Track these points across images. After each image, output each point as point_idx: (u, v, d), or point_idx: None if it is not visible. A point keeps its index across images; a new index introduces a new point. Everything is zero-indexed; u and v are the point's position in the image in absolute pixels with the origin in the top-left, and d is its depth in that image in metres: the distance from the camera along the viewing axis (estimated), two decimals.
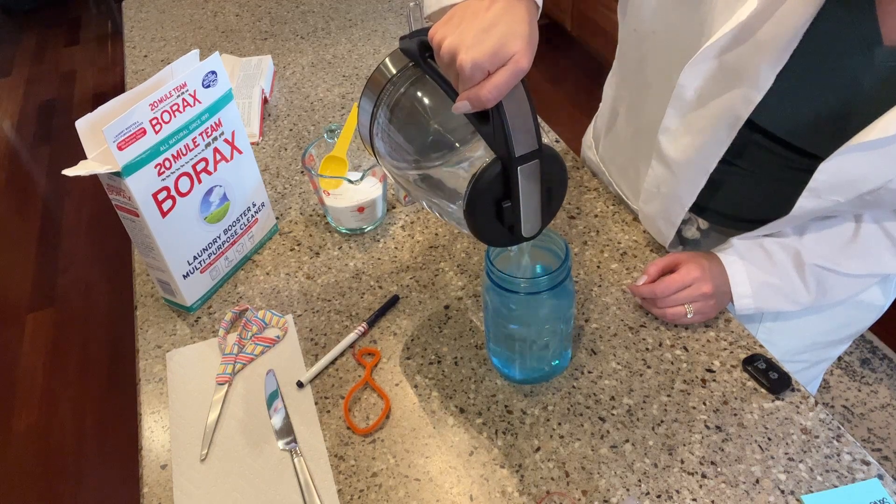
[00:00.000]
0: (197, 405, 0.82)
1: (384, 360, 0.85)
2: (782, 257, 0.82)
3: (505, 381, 0.81)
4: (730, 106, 0.73)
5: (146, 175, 0.80)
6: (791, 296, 0.83)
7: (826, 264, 0.81)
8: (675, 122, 0.81)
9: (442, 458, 0.75)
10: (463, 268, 0.96)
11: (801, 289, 0.83)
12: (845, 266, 0.81)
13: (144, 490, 0.75)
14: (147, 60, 1.54)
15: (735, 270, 0.83)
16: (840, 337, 0.99)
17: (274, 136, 1.26)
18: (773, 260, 0.83)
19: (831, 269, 0.81)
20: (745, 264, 0.83)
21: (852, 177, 0.68)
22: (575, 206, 1.04)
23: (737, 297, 0.83)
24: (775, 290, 0.83)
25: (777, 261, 0.83)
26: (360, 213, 1.00)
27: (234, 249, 0.97)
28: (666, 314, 0.84)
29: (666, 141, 0.84)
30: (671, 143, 0.83)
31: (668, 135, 0.83)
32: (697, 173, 0.82)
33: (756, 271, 0.83)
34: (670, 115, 0.80)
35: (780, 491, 0.69)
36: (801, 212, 0.74)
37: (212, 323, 0.92)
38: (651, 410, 0.77)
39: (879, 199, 0.69)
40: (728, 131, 0.75)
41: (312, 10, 1.68)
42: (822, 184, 0.70)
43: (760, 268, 0.83)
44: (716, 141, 0.77)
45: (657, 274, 0.85)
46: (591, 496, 0.70)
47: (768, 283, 0.83)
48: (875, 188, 0.67)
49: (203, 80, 0.84)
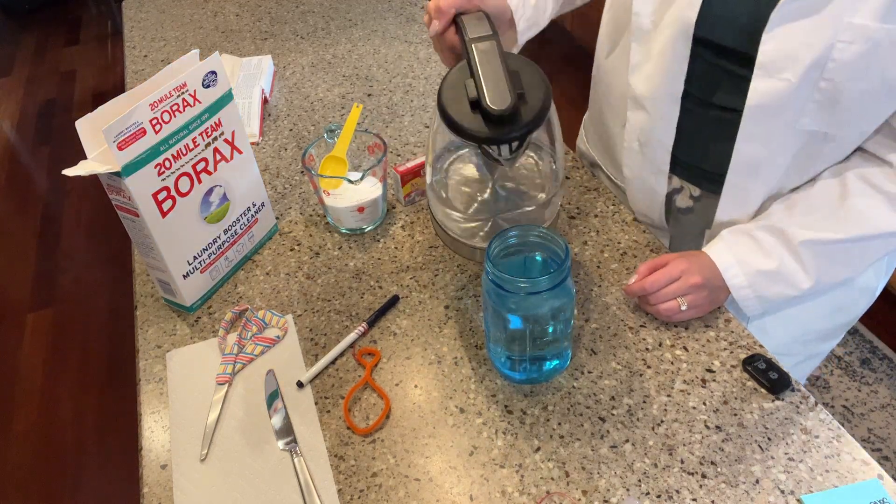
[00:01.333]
0: (197, 405, 0.82)
1: (384, 360, 0.85)
2: (771, 242, 0.82)
3: (505, 381, 0.81)
4: (679, 16, 0.78)
5: (146, 175, 0.80)
6: (789, 279, 0.82)
7: (818, 236, 0.80)
8: (639, 55, 0.85)
9: (442, 458, 0.75)
10: (463, 268, 0.96)
11: (798, 271, 0.82)
12: (840, 231, 0.79)
13: (144, 490, 0.75)
14: (147, 60, 1.54)
15: (724, 261, 0.83)
16: (834, 325, 0.99)
17: (274, 136, 1.26)
18: (763, 246, 0.83)
19: (825, 240, 0.80)
20: (735, 255, 0.83)
21: (795, 46, 0.70)
22: (575, 206, 1.04)
23: (734, 290, 0.83)
24: (771, 276, 0.82)
25: (766, 246, 0.82)
26: (360, 213, 1.00)
27: (234, 249, 0.97)
28: (660, 310, 0.84)
29: (636, 80, 0.87)
30: (640, 79, 0.86)
31: (636, 72, 0.86)
32: (669, 104, 0.85)
33: (747, 260, 0.83)
34: (634, 50, 0.85)
35: (780, 491, 0.69)
36: (757, 97, 0.75)
37: (212, 323, 0.92)
38: (651, 410, 0.77)
39: (836, 90, 0.71)
40: (684, 42, 0.79)
41: (312, 10, 1.68)
42: (769, 55, 0.72)
43: (751, 256, 0.83)
44: (675, 57, 0.81)
45: (647, 272, 0.85)
46: (591, 496, 0.70)
47: (761, 270, 0.82)
48: (819, 58, 0.69)
49: (203, 80, 0.84)
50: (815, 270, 0.81)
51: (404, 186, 1.05)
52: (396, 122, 1.26)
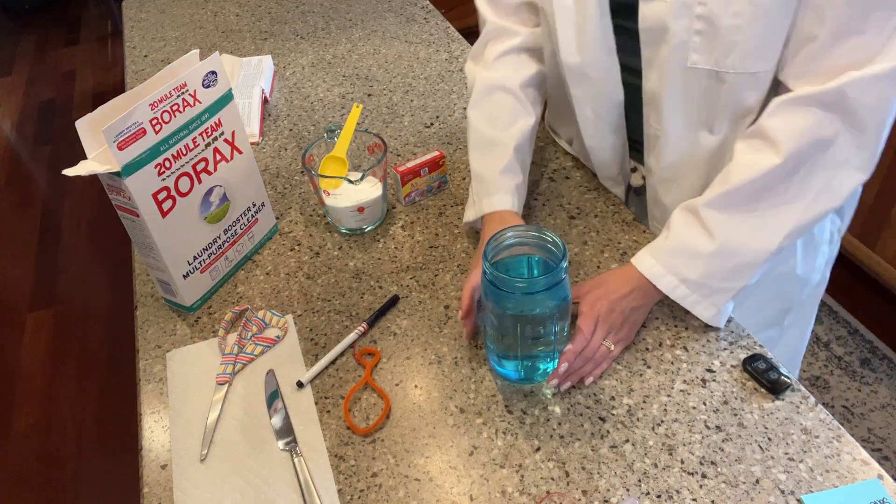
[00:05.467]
0: (197, 405, 0.82)
1: (384, 360, 0.85)
2: (676, 217, 0.84)
3: (505, 381, 0.81)
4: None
5: (146, 175, 0.80)
6: (692, 247, 0.81)
7: (716, 199, 0.80)
8: (568, 29, 0.88)
9: (442, 458, 0.75)
10: (463, 268, 0.96)
11: (700, 233, 0.81)
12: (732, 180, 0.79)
13: (144, 490, 0.75)
14: (147, 60, 1.54)
15: (638, 255, 0.85)
16: (773, 314, 1.01)
17: (274, 136, 1.26)
18: (670, 226, 0.84)
19: (724, 201, 0.80)
20: (647, 250, 0.85)
21: None
22: (575, 206, 1.04)
23: (654, 280, 0.82)
24: (677, 250, 0.82)
25: (673, 225, 0.84)
26: (360, 213, 1.00)
27: (234, 249, 0.97)
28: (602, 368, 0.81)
29: (567, 52, 0.90)
30: (572, 51, 0.89)
31: (568, 46, 0.89)
32: (605, 57, 0.88)
33: (657, 246, 0.84)
34: (562, 24, 0.88)
35: (780, 491, 0.69)
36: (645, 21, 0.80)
37: (212, 323, 0.92)
38: (651, 410, 0.77)
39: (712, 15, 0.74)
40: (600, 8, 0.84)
41: (312, 10, 1.68)
42: None
43: (659, 242, 0.84)
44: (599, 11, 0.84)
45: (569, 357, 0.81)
46: (591, 496, 0.70)
47: (667, 248, 0.83)
48: None
49: (203, 80, 0.84)
50: (719, 231, 0.80)
51: (404, 186, 1.05)
52: (396, 122, 1.26)
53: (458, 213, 1.05)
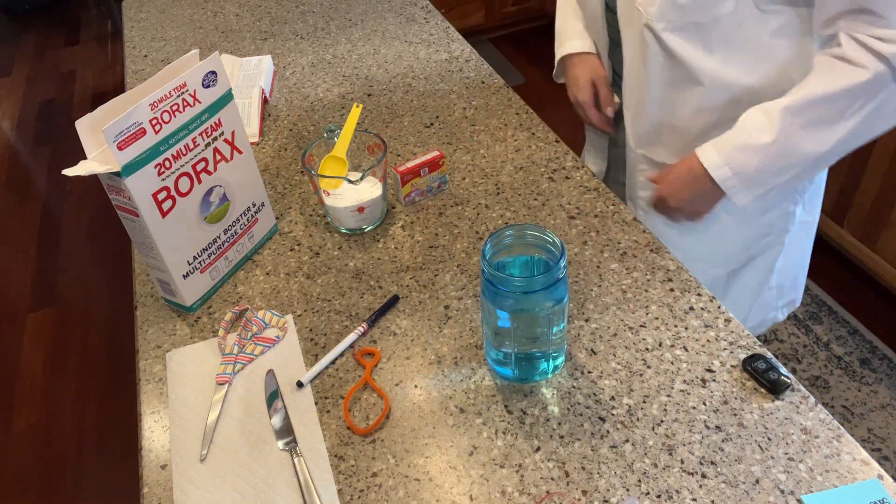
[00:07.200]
0: (197, 405, 0.82)
1: (384, 360, 0.85)
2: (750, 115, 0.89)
3: (505, 380, 0.81)
4: None
5: (146, 175, 0.80)
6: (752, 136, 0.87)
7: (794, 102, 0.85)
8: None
9: (442, 458, 0.75)
10: (463, 268, 0.96)
11: (764, 124, 0.86)
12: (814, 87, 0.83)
13: (144, 490, 0.75)
14: (147, 60, 1.54)
15: (702, 148, 0.93)
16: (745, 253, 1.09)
17: (274, 136, 1.26)
18: (740, 120, 0.89)
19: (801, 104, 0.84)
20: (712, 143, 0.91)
21: None
22: (575, 206, 1.04)
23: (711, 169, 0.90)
24: (741, 146, 0.89)
25: (743, 118, 0.89)
26: (360, 213, 1.00)
27: (234, 249, 0.97)
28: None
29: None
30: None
31: None
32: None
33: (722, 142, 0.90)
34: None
35: (780, 491, 0.69)
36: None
37: (212, 323, 0.92)
38: (651, 410, 0.77)
39: None
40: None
41: (312, 10, 1.68)
42: None
43: (727, 137, 0.90)
44: None
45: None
46: (591, 496, 0.70)
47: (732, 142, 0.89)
48: None
49: (203, 80, 0.84)
50: (778, 131, 0.86)
51: (404, 186, 1.05)
52: (396, 122, 1.26)
53: (458, 213, 1.05)
